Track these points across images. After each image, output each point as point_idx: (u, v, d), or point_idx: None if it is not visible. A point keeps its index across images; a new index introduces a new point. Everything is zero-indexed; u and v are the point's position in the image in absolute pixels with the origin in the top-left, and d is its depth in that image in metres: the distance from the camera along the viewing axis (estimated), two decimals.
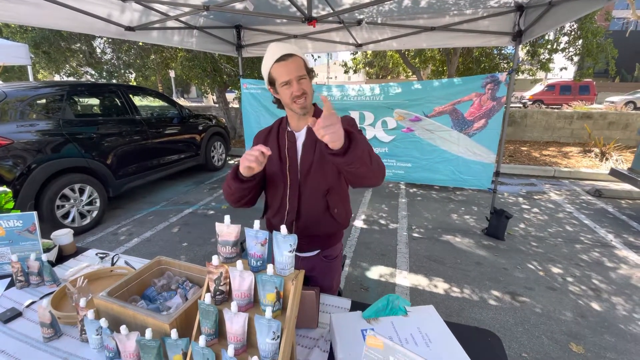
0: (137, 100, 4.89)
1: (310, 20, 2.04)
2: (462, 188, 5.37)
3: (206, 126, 6.06)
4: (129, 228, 3.91)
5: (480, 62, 7.46)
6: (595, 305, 2.51)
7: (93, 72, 7.27)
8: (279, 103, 1.32)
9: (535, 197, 5.06)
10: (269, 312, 0.92)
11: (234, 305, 0.95)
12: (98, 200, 3.92)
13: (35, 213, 1.59)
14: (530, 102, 17.00)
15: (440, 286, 2.74)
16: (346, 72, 9.05)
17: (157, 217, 4.24)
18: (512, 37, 3.16)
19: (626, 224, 4.02)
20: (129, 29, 2.57)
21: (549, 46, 6.29)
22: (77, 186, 3.68)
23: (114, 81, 7.02)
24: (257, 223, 1.02)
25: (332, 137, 0.94)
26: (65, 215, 3.63)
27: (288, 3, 3.03)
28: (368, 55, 9.67)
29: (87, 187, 3.79)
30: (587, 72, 7.05)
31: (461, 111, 3.50)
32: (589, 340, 2.16)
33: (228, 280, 1.03)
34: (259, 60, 6.79)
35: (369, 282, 2.80)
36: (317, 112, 1.30)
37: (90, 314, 1.08)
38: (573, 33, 6.03)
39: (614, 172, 4.41)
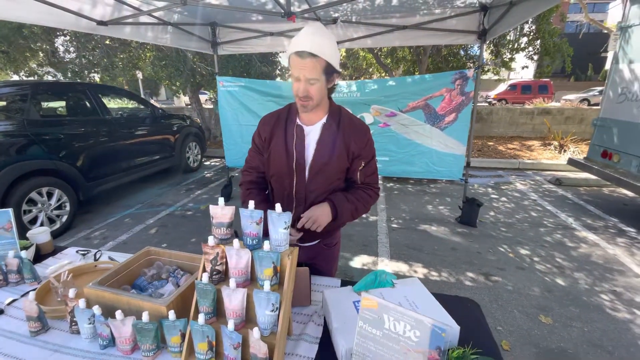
0: (108, 100, 4.71)
1: (289, 15, 2.09)
2: (436, 181, 5.61)
3: (180, 126, 5.92)
4: (102, 232, 3.76)
5: (448, 62, 7.82)
6: (560, 281, 2.73)
7: (55, 73, 6.89)
8: None
9: (503, 187, 5.38)
10: (267, 286, 0.96)
11: (232, 281, 0.99)
12: (68, 204, 3.74)
13: (11, 210, 1.53)
14: (495, 101, 17.93)
15: (419, 271, 2.87)
16: None
17: (133, 220, 4.10)
18: (478, 35, 3.36)
19: (584, 208, 4.37)
20: (101, 23, 2.49)
21: (510, 46, 6.74)
22: (44, 190, 3.50)
23: (79, 80, 6.70)
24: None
25: (323, 221, 1.24)
26: (33, 221, 3.43)
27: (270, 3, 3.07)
28: (341, 57, 9.84)
29: (55, 190, 3.60)
30: (546, 69, 7.59)
31: (433, 106, 3.67)
32: (556, 312, 2.35)
33: (224, 260, 1.06)
34: (233, 58, 6.71)
35: (353, 271, 2.88)
36: (332, 112, 1.26)
37: (81, 302, 1.07)
38: (532, 34, 6.51)
39: (572, 162, 4.78)
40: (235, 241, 1.02)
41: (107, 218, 4.15)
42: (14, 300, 1.31)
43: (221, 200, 1.08)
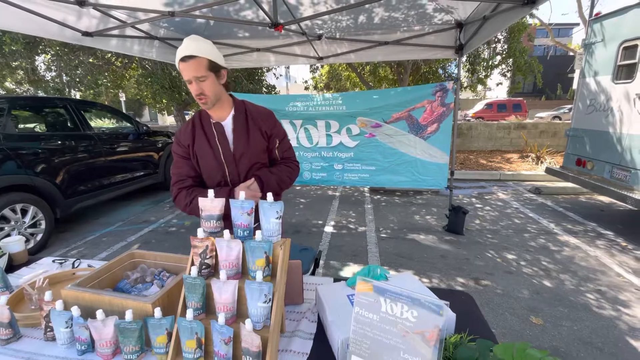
0: (90, 116, 4.63)
1: (276, 25, 2.15)
2: (421, 193, 5.69)
3: (165, 143, 5.84)
4: (80, 250, 3.58)
5: (428, 80, 8.14)
6: (547, 283, 2.76)
7: (34, 91, 6.73)
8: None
9: (486, 197, 5.50)
10: (259, 276, 0.93)
11: (222, 273, 0.95)
12: (43, 222, 3.56)
13: None
14: (473, 119, 18.68)
15: None
16: (306, 88, 9.33)
17: (113, 238, 3.94)
18: (455, 50, 3.54)
19: (563, 214, 4.51)
20: (87, 34, 2.49)
21: (484, 64, 7.12)
22: (18, 206, 3.33)
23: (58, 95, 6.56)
24: (242, 194, 1.04)
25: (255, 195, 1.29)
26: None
27: (251, 16, 3.15)
28: (324, 78, 10.10)
29: (30, 207, 3.44)
30: (518, 85, 8.01)
31: (416, 117, 3.78)
32: (545, 313, 2.37)
33: (214, 253, 1.02)
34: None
35: None
36: (237, 106, 1.40)
37: (59, 304, 1.01)
38: (504, 52, 6.92)
39: (549, 170, 4.97)
40: (226, 232, 1.00)
41: (86, 236, 3.96)
42: None
43: (210, 192, 1.07)
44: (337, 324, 0.98)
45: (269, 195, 1.01)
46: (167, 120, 18.07)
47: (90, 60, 5.98)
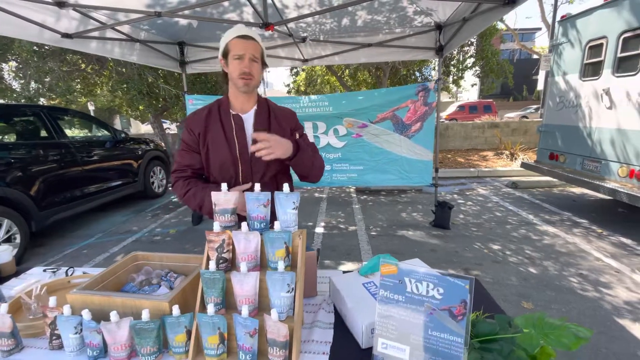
0: (64, 123, 4.41)
1: (267, 25, 2.15)
2: (405, 191, 5.82)
3: (144, 150, 5.65)
4: (58, 265, 3.37)
5: (406, 82, 8.37)
6: (532, 270, 2.90)
7: (3, 99, 6.33)
8: (224, 78, 1.34)
9: (467, 193, 5.70)
10: (281, 266, 0.93)
11: (243, 265, 0.94)
12: (18, 236, 3.35)
13: None
14: (447, 121, 19.35)
15: None
16: (289, 92, 9.36)
17: (94, 250, 3.75)
18: (435, 51, 3.68)
19: (540, 206, 4.75)
20: (66, 36, 2.38)
21: (459, 66, 7.43)
22: None
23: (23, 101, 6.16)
24: (257, 186, 1.03)
25: (279, 153, 1.17)
26: None
27: (235, 19, 3.14)
28: (302, 85, 10.12)
29: (4, 220, 3.22)
30: (492, 86, 8.40)
31: (400, 116, 3.88)
32: (535, 297, 2.48)
33: (231, 247, 1.01)
34: (199, 80, 6.64)
35: None
36: (260, 102, 1.36)
37: (66, 309, 0.96)
38: (477, 54, 7.26)
39: (525, 165, 5.22)
40: (244, 224, 0.99)
41: (64, 249, 3.75)
42: None
43: (224, 185, 1.05)
44: (358, 311, 0.99)
45: (285, 186, 1.02)
46: (142, 129, 17.48)
47: (62, 68, 5.70)
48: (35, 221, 3.57)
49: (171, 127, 9.24)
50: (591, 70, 4.05)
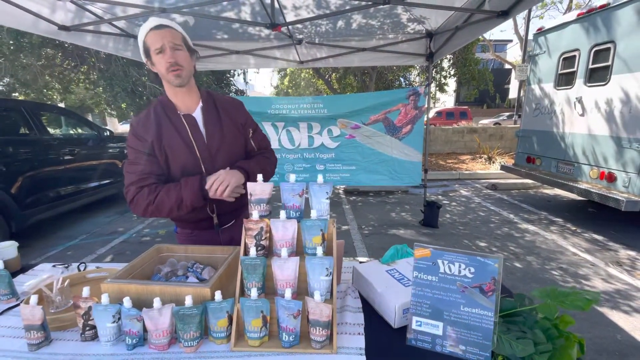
0: (47, 120, 4.22)
1: (274, 26, 2.20)
2: (393, 192, 5.98)
3: None
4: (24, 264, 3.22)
5: (391, 87, 8.62)
6: (517, 264, 3.08)
7: None
8: (155, 77, 1.24)
9: (451, 194, 5.94)
10: (320, 251, 0.98)
11: (284, 251, 0.99)
12: None
13: None
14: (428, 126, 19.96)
15: None
16: (277, 93, 9.38)
17: (79, 251, 3.61)
18: (426, 57, 3.84)
19: (519, 206, 5.04)
20: (63, 28, 2.31)
21: (443, 72, 7.76)
22: None
23: None
24: (292, 176, 1.08)
25: (234, 181, 1.18)
26: None
27: (235, 17, 3.15)
28: (289, 89, 10.16)
29: None
30: (473, 92, 8.82)
31: (391, 119, 4.02)
32: (522, 289, 2.63)
33: (269, 234, 1.05)
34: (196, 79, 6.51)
35: None
36: (204, 97, 1.30)
37: (104, 298, 0.96)
38: (458, 62, 7.62)
39: (504, 168, 5.52)
40: (282, 212, 1.03)
41: (46, 251, 3.59)
42: None
43: (260, 176, 1.09)
44: (388, 294, 1.05)
45: (320, 177, 1.07)
46: (119, 128, 16.84)
47: (38, 62, 5.44)
48: (15, 221, 3.40)
49: None
50: (565, 79, 4.37)
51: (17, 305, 1.19)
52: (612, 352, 1.98)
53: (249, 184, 1.07)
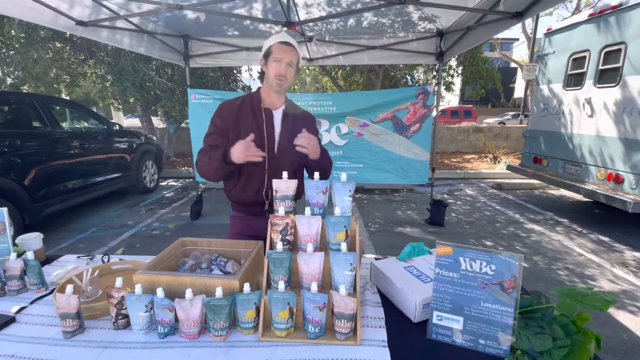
0: (58, 114, 4.27)
1: (290, 24, 2.22)
2: (398, 191, 6.01)
3: (137, 144, 5.53)
4: (48, 255, 3.28)
5: (397, 84, 8.61)
6: (524, 264, 3.09)
7: None
8: (261, 76, 1.49)
9: (456, 193, 5.96)
10: (344, 247, 1.01)
11: (309, 246, 1.02)
12: (11, 228, 3.23)
13: (5, 210, 1.35)
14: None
15: None
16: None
17: (91, 244, 3.67)
18: (436, 56, 3.85)
19: (525, 206, 5.05)
20: (81, 23, 2.35)
21: (451, 71, 7.74)
22: None
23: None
24: (316, 174, 1.11)
25: (311, 153, 1.34)
26: None
27: (245, 15, 3.17)
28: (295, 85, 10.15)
29: None
30: (480, 92, 8.79)
31: (400, 117, 4.04)
32: (528, 289, 2.66)
33: (294, 230, 1.08)
34: (194, 75, 6.54)
35: None
36: (288, 101, 1.51)
37: (138, 288, 1.00)
38: (467, 61, 7.61)
39: (510, 168, 5.53)
40: (307, 209, 1.07)
41: (59, 243, 3.65)
42: (22, 308, 1.14)
43: (285, 173, 1.13)
44: (408, 290, 1.09)
45: (343, 175, 1.10)
46: (124, 122, 16.91)
47: (47, 56, 5.48)
48: (28, 213, 3.46)
49: (160, 122, 9.03)
50: (574, 80, 4.36)
51: (48, 294, 1.23)
52: (617, 350, 2.02)
53: (274, 181, 1.11)
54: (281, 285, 0.97)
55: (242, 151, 1.25)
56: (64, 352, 0.94)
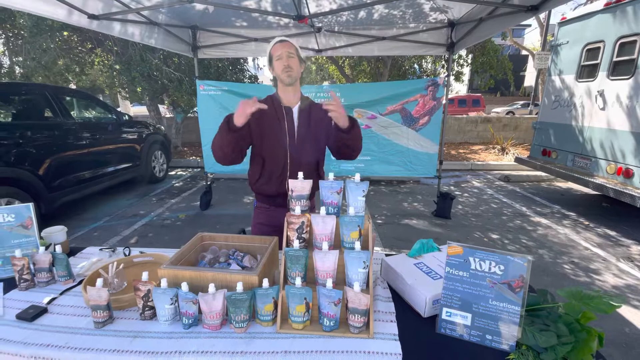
0: (69, 104, 4.33)
1: (301, 18, 2.21)
2: (405, 182, 6.02)
3: (146, 134, 5.60)
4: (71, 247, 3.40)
5: (405, 75, 8.50)
6: (529, 257, 3.14)
7: None
8: (274, 82, 1.62)
9: (463, 185, 5.96)
10: (357, 246, 1.06)
11: (325, 244, 1.07)
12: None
13: (32, 205, 1.41)
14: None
15: None
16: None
17: (105, 233, 3.78)
18: (446, 47, 3.80)
19: (532, 199, 5.05)
20: (93, 17, 2.37)
21: (461, 61, 7.60)
22: (3, 201, 3.10)
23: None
24: (331, 175, 1.15)
25: (340, 118, 1.41)
26: None
27: (253, 7, 3.15)
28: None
29: (15, 202, 3.21)
30: (490, 82, 8.63)
31: (409, 109, 4.02)
32: (534, 282, 2.67)
33: (309, 228, 1.13)
34: (202, 65, 6.53)
35: None
36: (303, 99, 1.61)
37: (164, 282, 1.06)
38: (477, 51, 7.46)
39: (519, 160, 5.49)
40: (322, 208, 1.11)
41: (73, 232, 3.76)
42: (53, 299, 1.22)
43: (300, 174, 1.17)
44: (418, 286, 1.14)
45: (357, 176, 1.14)
46: (131, 111, 16.97)
47: (58, 43, 5.51)
48: (44, 203, 3.56)
49: (167, 111, 9.07)
50: (587, 72, 4.28)
51: (75, 286, 1.31)
52: (619, 344, 2.07)
53: (290, 181, 1.15)
54: (298, 282, 1.03)
55: (241, 106, 1.33)
56: (97, 340, 1.01)
